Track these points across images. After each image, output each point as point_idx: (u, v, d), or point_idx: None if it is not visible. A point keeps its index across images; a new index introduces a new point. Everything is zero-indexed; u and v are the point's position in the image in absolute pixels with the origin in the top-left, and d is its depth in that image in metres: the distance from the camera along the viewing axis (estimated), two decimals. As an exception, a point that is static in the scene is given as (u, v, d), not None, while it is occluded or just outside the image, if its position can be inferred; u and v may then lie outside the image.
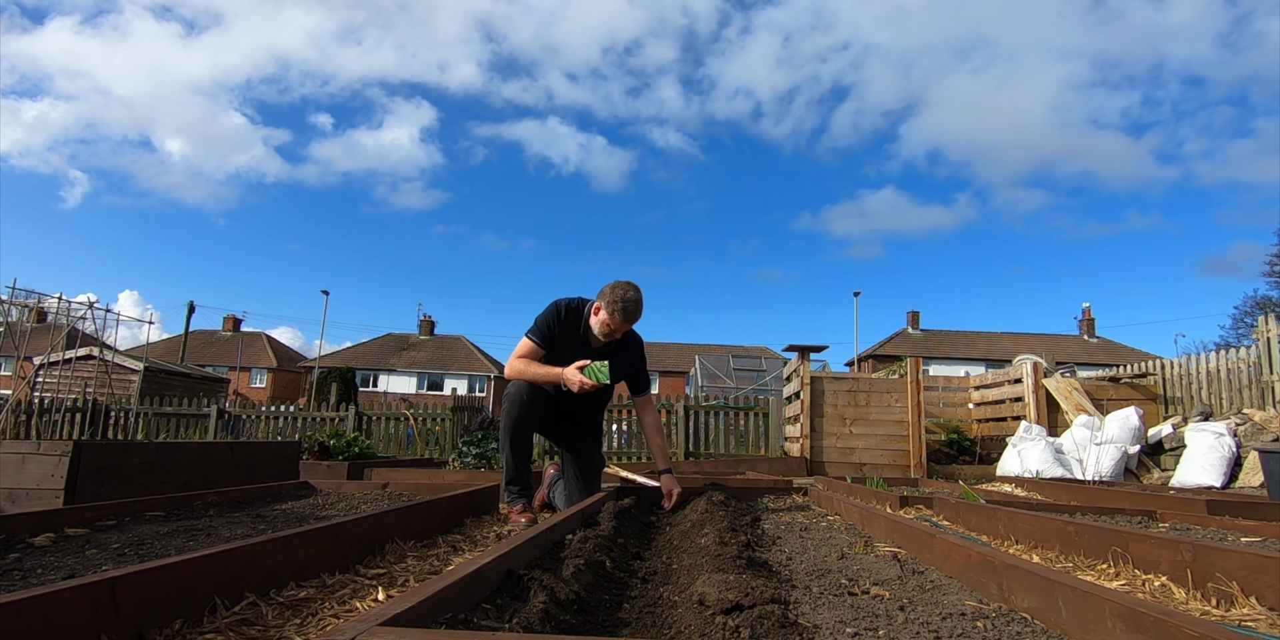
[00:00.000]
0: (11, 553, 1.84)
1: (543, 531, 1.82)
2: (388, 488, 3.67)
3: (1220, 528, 2.84)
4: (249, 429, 12.18)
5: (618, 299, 2.98)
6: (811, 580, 1.66)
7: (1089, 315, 45.45)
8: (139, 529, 2.26)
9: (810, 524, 2.78)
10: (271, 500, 3.20)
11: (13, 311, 8.44)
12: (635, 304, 3.01)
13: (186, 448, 3.80)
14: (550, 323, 3.08)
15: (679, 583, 1.55)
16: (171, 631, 1.24)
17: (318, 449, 6.79)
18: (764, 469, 7.20)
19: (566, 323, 3.10)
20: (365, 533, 2.00)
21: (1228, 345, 29.28)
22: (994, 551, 1.58)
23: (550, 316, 3.09)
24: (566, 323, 3.10)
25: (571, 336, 3.11)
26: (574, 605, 1.30)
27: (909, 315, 45.55)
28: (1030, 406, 8.27)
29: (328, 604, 1.50)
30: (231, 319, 49.65)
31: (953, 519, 3.06)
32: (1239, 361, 7.40)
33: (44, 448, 3.05)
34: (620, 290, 3.00)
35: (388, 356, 45.92)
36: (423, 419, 11.54)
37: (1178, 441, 6.91)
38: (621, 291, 3.00)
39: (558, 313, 3.10)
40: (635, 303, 3.01)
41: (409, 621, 0.98)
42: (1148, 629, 0.99)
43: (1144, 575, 1.84)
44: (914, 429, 7.93)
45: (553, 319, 3.09)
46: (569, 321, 3.11)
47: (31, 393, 10.60)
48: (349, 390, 25.17)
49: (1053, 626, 1.23)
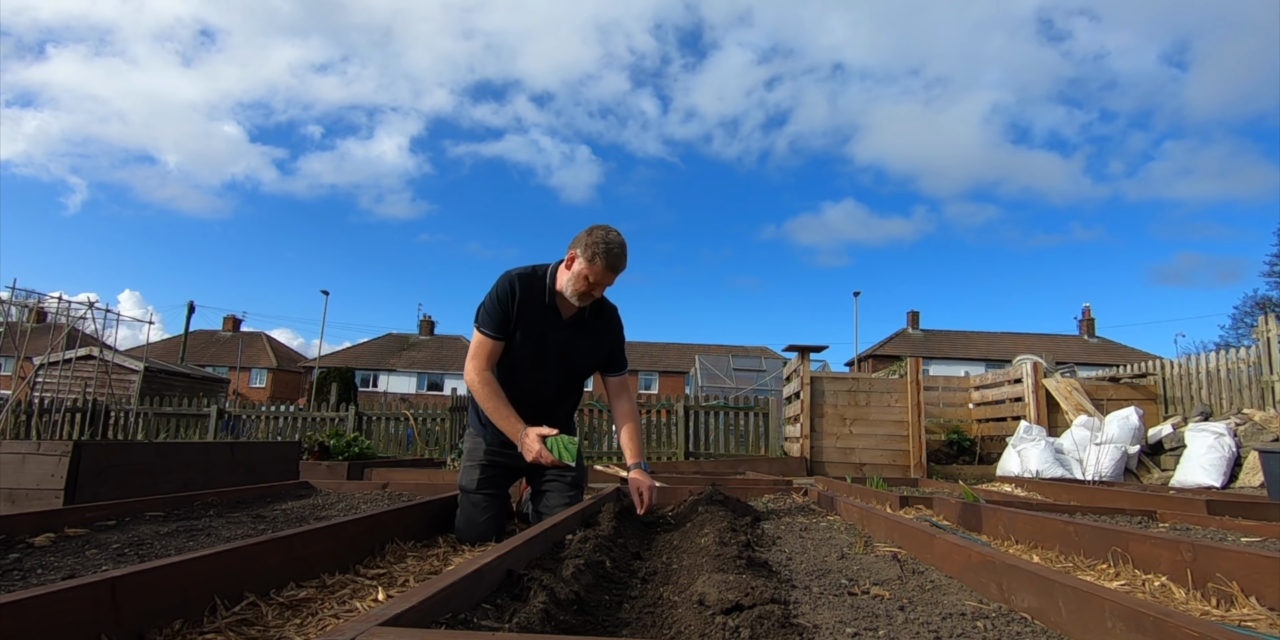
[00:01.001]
0: (11, 553, 1.84)
1: (543, 531, 1.82)
2: (388, 488, 3.67)
3: (1220, 528, 2.84)
4: (249, 429, 12.18)
5: (599, 240, 2.41)
6: (811, 580, 1.66)
7: (1089, 315, 45.50)
8: (139, 529, 2.26)
9: (810, 524, 2.78)
10: (271, 500, 3.20)
11: (13, 311, 8.44)
12: (621, 247, 2.45)
13: (186, 448, 3.80)
14: (503, 301, 2.48)
15: (679, 583, 1.55)
16: (171, 631, 1.24)
17: (318, 449, 6.80)
18: (764, 469, 7.20)
19: (526, 294, 2.50)
20: (365, 533, 2.00)
21: (1228, 345, 29.32)
22: (994, 551, 1.58)
23: (502, 293, 2.49)
24: (526, 294, 2.50)
25: (535, 309, 2.52)
26: (574, 605, 1.30)
27: (909, 315, 45.60)
28: (1030, 406, 8.27)
29: (328, 604, 1.50)
30: (231, 319, 49.68)
31: (953, 519, 3.06)
32: (1239, 361, 7.40)
33: (44, 448, 3.05)
34: (600, 231, 2.44)
35: (388, 356, 45.92)
36: (423, 419, 11.54)
37: (1178, 441, 6.91)
38: (602, 232, 2.44)
39: (510, 286, 2.49)
40: (620, 246, 2.45)
41: (409, 621, 0.98)
42: (1148, 629, 0.99)
43: (1144, 575, 1.84)
44: (914, 429, 7.93)
45: (505, 295, 2.48)
46: (528, 292, 2.51)
47: (31, 393, 10.59)
48: (349, 390, 25.17)
49: (1053, 626, 1.23)
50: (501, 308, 2.48)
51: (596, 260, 2.40)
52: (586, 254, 2.41)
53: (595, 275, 2.43)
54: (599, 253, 2.39)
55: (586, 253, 2.41)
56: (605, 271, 2.43)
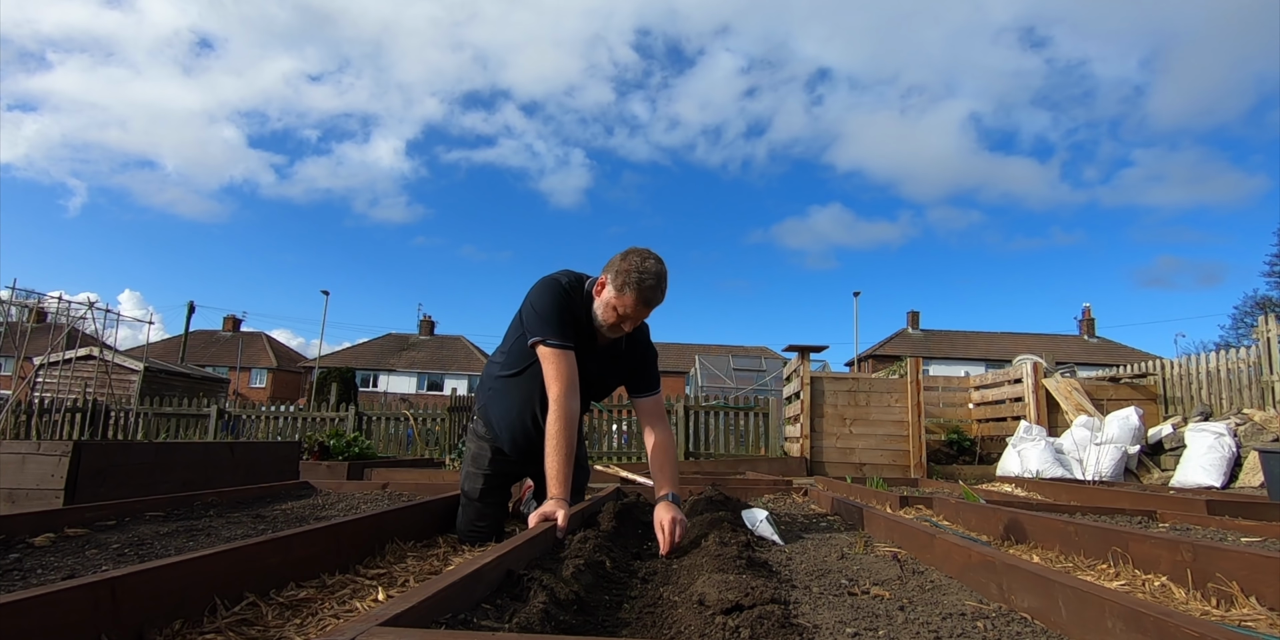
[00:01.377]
0: (11, 553, 1.84)
1: (543, 532, 1.82)
2: (387, 488, 3.67)
3: (1220, 528, 2.84)
4: (249, 429, 12.18)
5: (632, 269, 2.08)
6: (811, 580, 1.66)
7: (1089, 315, 45.50)
8: (139, 529, 2.26)
9: (810, 524, 2.78)
10: (271, 500, 3.20)
11: (12, 311, 8.44)
12: (657, 277, 2.11)
13: (186, 448, 3.80)
14: (564, 311, 2.16)
15: (679, 583, 1.55)
16: (171, 631, 1.24)
17: (318, 449, 6.80)
18: (764, 469, 7.20)
19: (572, 313, 2.20)
20: (365, 533, 2.00)
21: (1228, 345, 29.32)
22: (994, 551, 1.58)
23: (559, 302, 2.17)
24: (572, 313, 2.20)
25: (578, 330, 2.21)
26: (574, 605, 1.30)
27: (909, 315, 45.60)
28: (1030, 406, 8.27)
29: (328, 604, 1.50)
30: (231, 319, 49.69)
31: (953, 519, 3.06)
32: (1239, 361, 7.40)
33: (44, 448, 3.05)
34: (636, 258, 2.12)
35: (388, 357, 45.92)
36: (422, 419, 11.54)
37: (1178, 441, 6.91)
38: (638, 259, 2.11)
39: (566, 296, 2.18)
40: (657, 276, 2.11)
41: (409, 621, 0.98)
42: (1148, 629, 0.99)
43: (1144, 575, 1.84)
44: (914, 429, 7.93)
45: (563, 305, 2.17)
46: (575, 306, 2.20)
47: (31, 393, 10.59)
48: (349, 390, 25.16)
49: (1053, 626, 1.23)
50: (565, 313, 2.14)
51: (627, 291, 2.09)
52: (617, 283, 2.11)
53: (625, 308, 2.12)
54: (630, 283, 2.08)
55: (617, 281, 2.11)
56: (637, 305, 2.11)
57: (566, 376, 2.08)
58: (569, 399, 2.07)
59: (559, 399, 2.06)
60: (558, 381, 2.08)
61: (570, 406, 2.06)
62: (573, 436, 2.04)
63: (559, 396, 2.06)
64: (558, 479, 2.01)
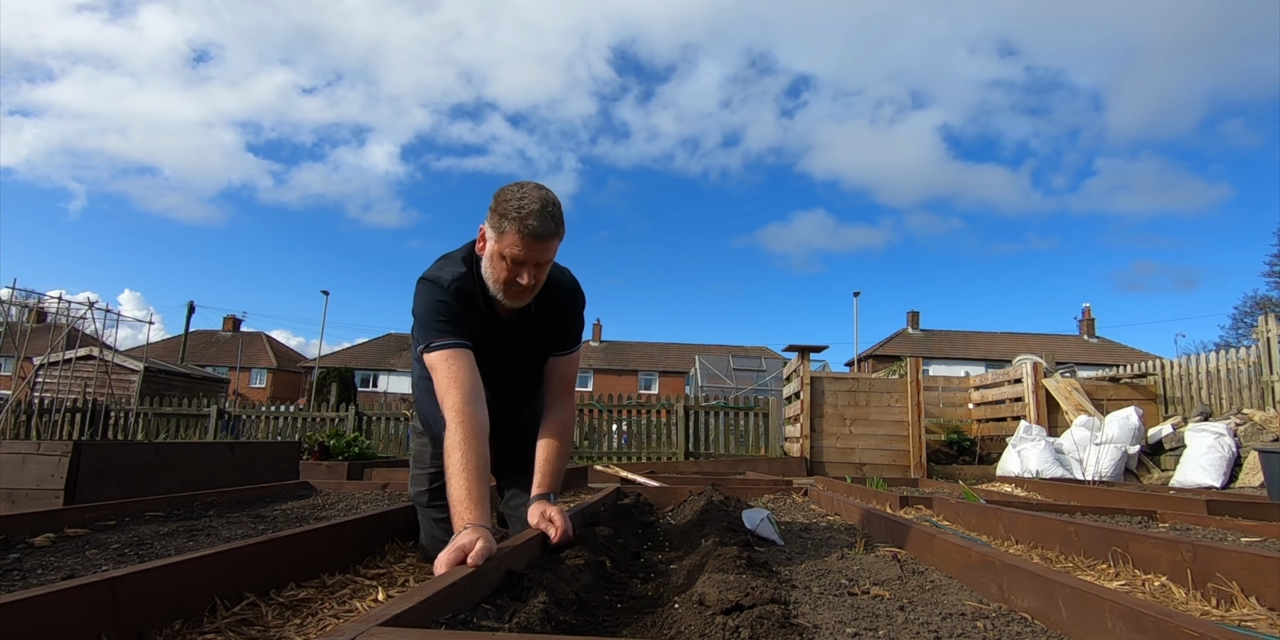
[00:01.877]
0: (11, 553, 1.84)
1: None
2: (388, 488, 3.67)
3: (1220, 528, 2.84)
4: (249, 429, 12.18)
5: (508, 201, 1.71)
6: (811, 580, 1.66)
7: (1089, 315, 45.49)
8: (139, 529, 2.26)
9: (810, 524, 2.78)
10: (271, 500, 3.20)
11: (13, 311, 8.44)
12: (543, 203, 1.71)
13: (186, 448, 3.81)
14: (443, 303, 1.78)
15: (679, 583, 1.55)
16: (171, 631, 1.24)
17: (318, 449, 6.80)
18: (764, 469, 7.20)
19: (459, 300, 1.80)
20: (365, 533, 2.00)
21: (1228, 345, 29.31)
22: (994, 552, 1.58)
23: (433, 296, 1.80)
24: (459, 300, 1.80)
25: (473, 314, 1.83)
26: (574, 605, 1.30)
27: (909, 315, 45.59)
28: (1030, 406, 8.27)
29: (328, 604, 1.50)
30: (231, 319, 49.67)
31: (953, 519, 3.06)
32: (1239, 361, 7.40)
33: (44, 448, 3.05)
34: (512, 189, 1.75)
35: (387, 356, 45.92)
36: (423, 419, 11.52)
37: (1178, 441, 6.92)
38: (514, 190, 1.74)
39: (441, 288, 1.80)
40: (543, 202, 1.71)
41: (409, 622, 0.98)
42: (1148, 629, 1.00)
43: (1144, 575, 1.84)
44: (914, 429, 7.94)
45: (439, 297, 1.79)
46: (461, 296, 1.81)
47: (31, 393, 10.59)
48: (349, 390, 25.16)
49: (1053, 626, 1.23)
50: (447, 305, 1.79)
51: (507, 228, 1.69)
52: (494, 225, 1.72)
53: (511, 249, 1.70)
54: (508, 218, 1.68)
55: (493, 222, 1.72)
56: (525, 241, 1.69)
57: (462, 381, 1.69)
58: (472, 407, 1.66)
59: (459, 409, 1.64)
60: (453, 389, 1.67)
61: (475, 416, 1.65)
62: (482, 450, 1.62)
63: (457, 406, 1.65)
64: (466, 501, 1.53)
